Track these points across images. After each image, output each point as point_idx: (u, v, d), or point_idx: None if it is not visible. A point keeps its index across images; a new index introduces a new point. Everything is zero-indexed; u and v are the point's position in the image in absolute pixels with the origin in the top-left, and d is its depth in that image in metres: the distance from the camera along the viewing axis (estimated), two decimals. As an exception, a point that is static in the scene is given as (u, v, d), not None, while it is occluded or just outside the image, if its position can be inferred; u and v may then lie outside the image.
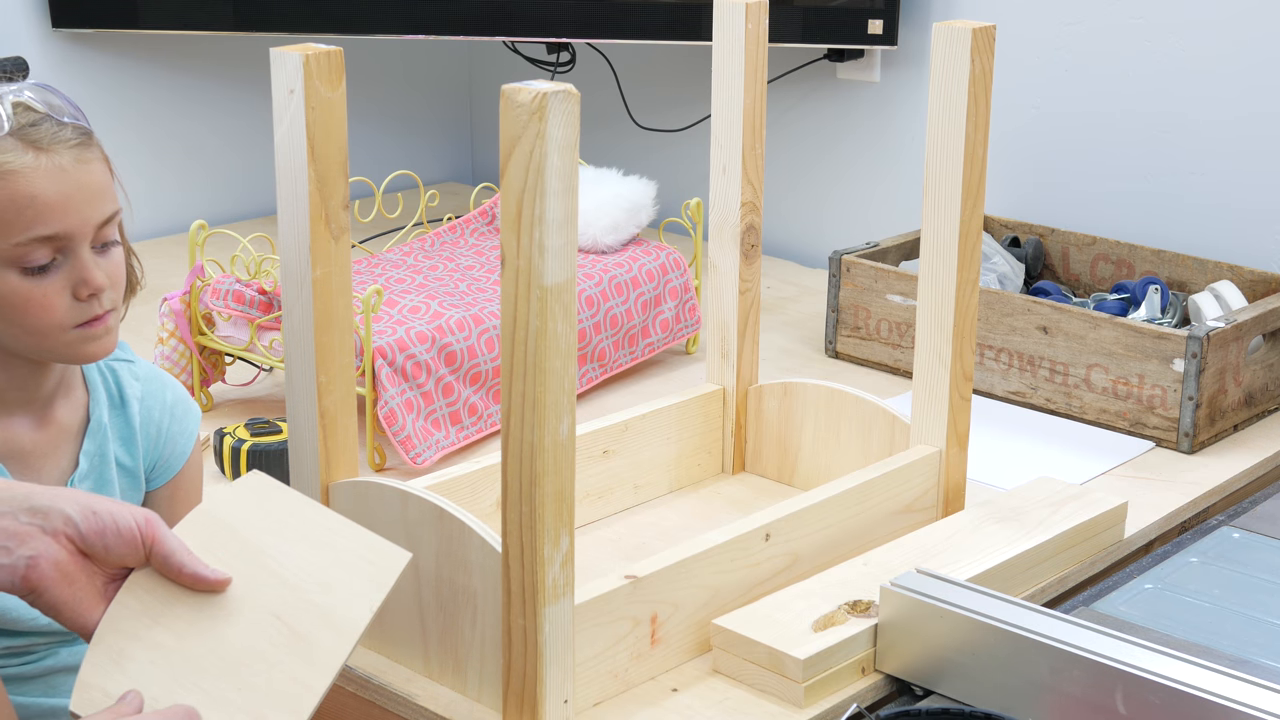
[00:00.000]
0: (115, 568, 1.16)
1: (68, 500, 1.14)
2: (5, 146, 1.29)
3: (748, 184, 1.78)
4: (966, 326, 1.68)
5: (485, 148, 3.33)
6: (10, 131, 1.30)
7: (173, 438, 1.49)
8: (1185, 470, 1.93)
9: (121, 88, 2.76)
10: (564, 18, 2.69)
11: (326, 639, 1.16)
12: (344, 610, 1.18)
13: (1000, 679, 1.37)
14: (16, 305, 1.31)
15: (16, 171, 1.29)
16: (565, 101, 1.21)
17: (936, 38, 1.59)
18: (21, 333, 1.33)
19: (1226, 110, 2.35)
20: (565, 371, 1.26)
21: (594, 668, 1.39)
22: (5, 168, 1.29)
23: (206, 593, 1.17)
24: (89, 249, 1.33)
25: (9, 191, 1.29)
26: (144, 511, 1.16)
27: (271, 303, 1.95)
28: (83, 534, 1.13)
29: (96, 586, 1.15)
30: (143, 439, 1.46)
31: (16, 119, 1.30)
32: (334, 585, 1.20)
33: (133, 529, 1.14)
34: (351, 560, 1.22)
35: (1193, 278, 2.25)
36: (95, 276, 1.33)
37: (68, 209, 1.31)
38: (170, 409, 1.49)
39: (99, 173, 1.34)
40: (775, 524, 1.55)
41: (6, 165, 1.29)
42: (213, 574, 1.17)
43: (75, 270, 1.33)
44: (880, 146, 2.74)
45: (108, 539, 1.14)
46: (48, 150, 1.31)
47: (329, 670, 1.15)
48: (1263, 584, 1.61)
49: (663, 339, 2.21)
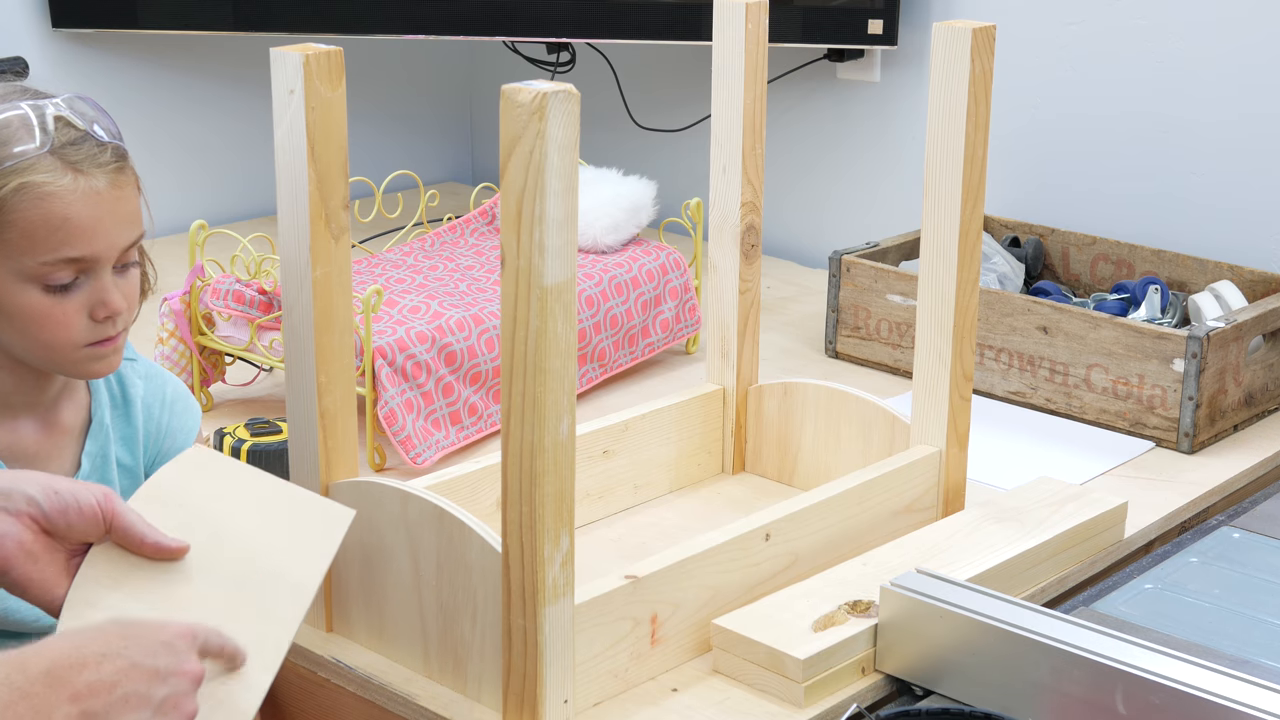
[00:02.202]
0: (77, 544, 1.19)
1: (29, 481, 1.17)
2: (44, 165, 1.29)
3: (748, 184, 1.78)
4: (966, 326, 1.68)
5: (485, 148, 3.33)
6: (51, 149, 1.30)
7: (173, 433, 1.49)
8: (1185, 470, 1.93)
9: (121, 88, 2.76)
10: (564, 18, 2.69)
11: (282, 598, 1.21)
12: (297, 569, 1.23)
13: (1000, 679, 1.37)
14: (35, 320, 1.32)
15: (54, 194, 1.29)
16: (565, 101, 1.21)
17: (936, 38, 1.59)
18: (34, 346, 1.34)
19: (1226, 110, 2.35)
20: (565, 371, 1.26)
21: (594, 668, 1.39)
22: (43, 189, 1.29)
23: (166, 561, 1.21)
24: (110, 271, 1.34)
25: (43, 212, 1.29)
26: (101, 488, 1.19)
27: (271, 303, 1.95)
28: (46, 513, 1.16)
29: (60, 563, 1.18)
30: (144, 437, 1.47)
31: (57, 136, 1.30)
32: (285, 547, 1.25)
33: (93, 505, 1.18)
34: (299, 522, 1.27)
35: (1193, 278, 2.25)
36: (115, 300, 1.34)
37: (97, 233, 1.31)
38: (170, 405, 1.49)
39: (131, 198, 1.35)
40: (775, 524, 1.55)
41: (44, 186, 1.29)
42: (172, 542, 1.21)
43: (96, 292, 1.33)
44: (880, 146, 2.74)
45: (70, 516, 1.17)
46: (86, 173, 1.31)
47: (289, 627, 1.19)
48: (1263, 584, 1.61)
49: (663, 339, 2.21)
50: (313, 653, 1.49)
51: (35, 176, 1.29)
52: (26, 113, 1.30)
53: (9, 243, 1.29)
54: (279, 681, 1.54)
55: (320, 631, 1.52)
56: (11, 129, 1.29)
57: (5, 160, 1.28)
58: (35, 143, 1.29)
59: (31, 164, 1.29)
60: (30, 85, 1.37)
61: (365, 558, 1.46)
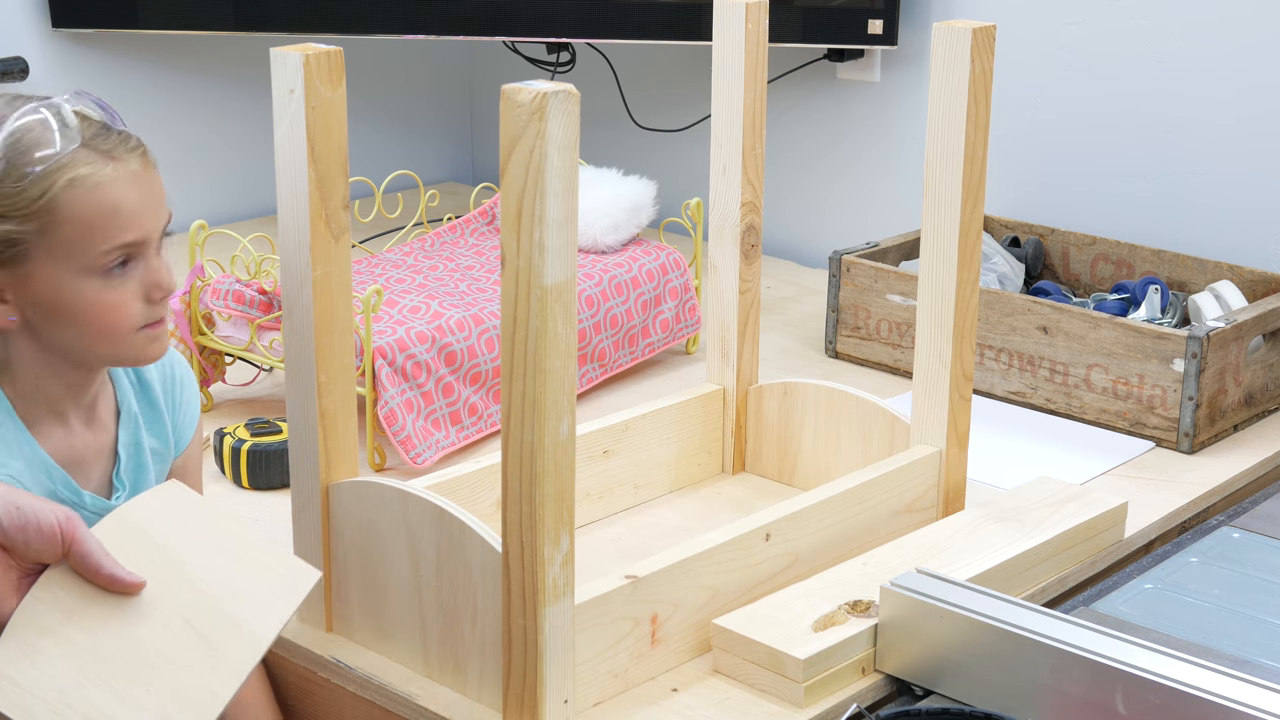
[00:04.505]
0: (32, 563, 1.18)
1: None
2: (83, 158, 1.31)
3: (748, 184, 1.78)
4: (966, 326, 1.68)
5: (485, 148, 3.33)
6: (82, 143, 1.31)
7: (184, 406, 1.51)
8: (1185, 470, 1.93)
9: (121, 88, 2.75)
10: (564, 18, 2.69)
11: (235, 647, 1.18)
12: (254, 621, 1.21)
13: (1000, 679, 1.37)
14: (98, 312, 1.33)
15: (101, 184, 1.31)
16: (565, 101, 1.21)
17: (936, 38, 1.59)
18: (95, 339, 1.35)
19: (1226, 110, 2.35)
20: (565, 371, 1.26)
21: (594, 668, 1.39)
22: (91, 180, 1.31)
23: (120, 594, 1.19)
24: (154, 251, 1.36)
25: (96, 202, 1.31)
26: (65, 510, 1.18)
27: (271, 303, 1.95)
28: (4, 528, 1.15)
29: (11, 580, 1.17)
30: (168, 415, 1.48)
31: (82, 130, 1.32)
32: (245, 596, 1.22)
33: (53, 526, 1.16)
34: (263, 573, 1.24)
35: (1193, 278, 2.25)
36: (167, 279, 1.37)
37: (143, 215, 1.34)
38: (180, 381, 1.51)
39: (159, 178, 1.37)
40: (775, 524, 1.55)
41: (92, 178, 1.31)
42: (128, 576, 1.19)
43: (148, 274, 1.35)
44: (880, 146, 2.74)
45: (29, 534, 1.16)
46: (121, 159, 1.33)
47: (235, 678, 1.17)
48: (1263, 584, 1.61)
49: (663, 339, 2.21)
50: (313, 653, 1.49)
51: (80, 170, 1.30)
52: (45, 115, 1.31)
53: (66, 240, 1.31)
54: (279, 681, 1.54)
55: (320, 631, 1.52)
56: (36, 132, 1.30)
57: (44, 162, 1.29)
58: (67, 140, 1.31)
59: (70, 160, 1.30)
60: (23, 92, 1.38)
61: (365, 558, 1.46)
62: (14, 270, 1.31)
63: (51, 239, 1.30)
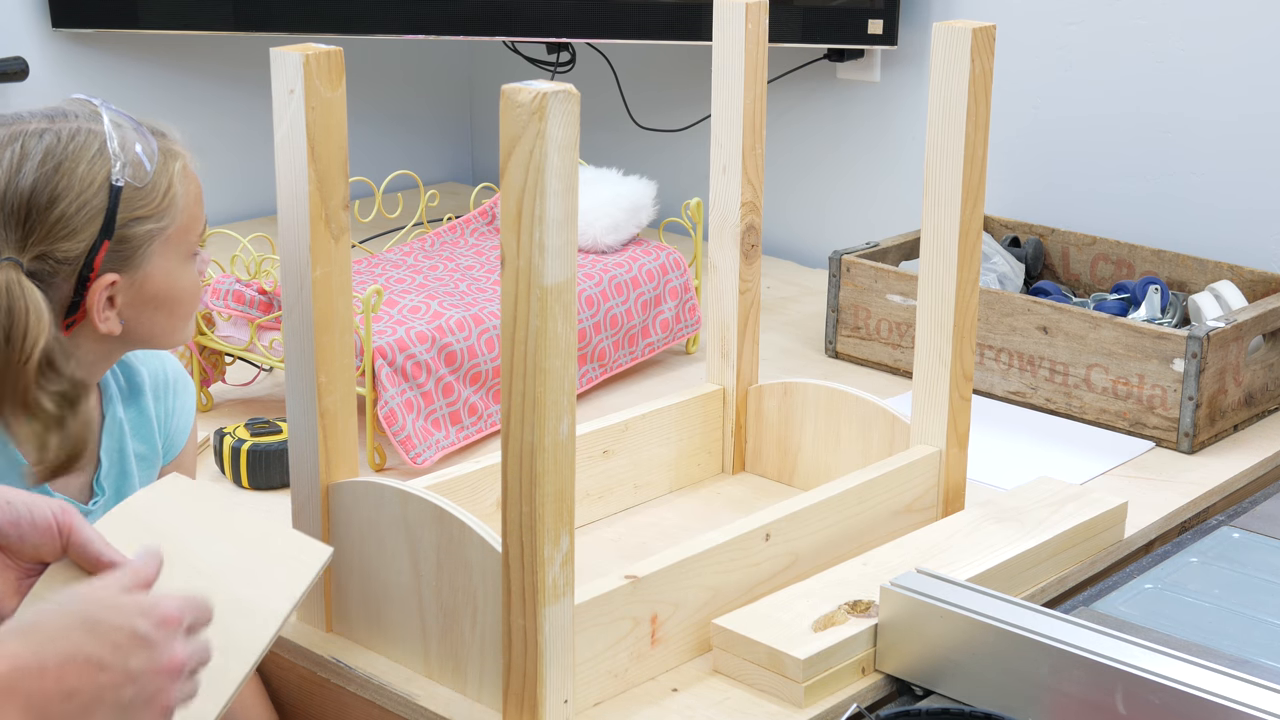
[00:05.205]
0: (31, 560, 1.12)
1: None
2: (168, 148, 1.34)
3: (748, 184, 1.78)
4: (966, 326, 1.68)
5: (485, 148, 3.33)
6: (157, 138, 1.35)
7: (177, 412, 1.51)
8: (1185, 470, 1.93)
9: (121, 88, 2.75)
10: (564, 18, 2.69)
11: (245, 628, 1.17)
12: (264, 601, 1.19)
13: (1000, 679, 1.37)
14: (193, 295, 1.38)
15: (192, 171, 1.36)
16: (565, 101, 1.21)
17: (936, 38, 1.59)
18: (183, 321, 1.39)
19: (1226, 110, 2.35)
20: (565, 371, 1.26)
21: (594, 668, 1.39)
22: (188, 167, 1.36)
23: None
24: None
25: (196, 187, 1.36)
26: (59, 502, 1.14)
27: (271, 303, 1.95)
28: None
29: (10, 581, 1.12)
30: (156, 422, 1.48)
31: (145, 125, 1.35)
32: (254, 578, 1.21)
33: (48, 518, 1.11)
34: (272, 555, 1.23)
35: (1193, 278, 2.25)
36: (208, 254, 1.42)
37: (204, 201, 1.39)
38: (173, 384, 1.51)
39: None
40: (775, 524, 1.55)
41: (187, 165, 1.36)
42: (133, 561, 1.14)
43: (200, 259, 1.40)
44: (880, 146, 2.74)
45: (23, 528, 1.10)
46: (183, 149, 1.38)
47: (247, 659, 1.15)
48: (1263, 584, 1.61)
49: (663, 339, 2.21)
50: (313, 653, 1.49)
51: (178, 159, 1.35)
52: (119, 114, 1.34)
53: (181, 228, 1.35)
54: (279, 682, 1.54)
55: (320, 631, 1.52)
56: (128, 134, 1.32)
57: (152, 158, 1.31)
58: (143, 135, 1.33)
59: (164, 149, 1.34)
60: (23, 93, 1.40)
61: (365, 558, 1.46)
62: (137, 273, 1.32)
63: (172, 228, 1.33)
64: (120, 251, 1.30)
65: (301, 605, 1.35)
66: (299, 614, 1.52)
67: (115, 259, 1.30)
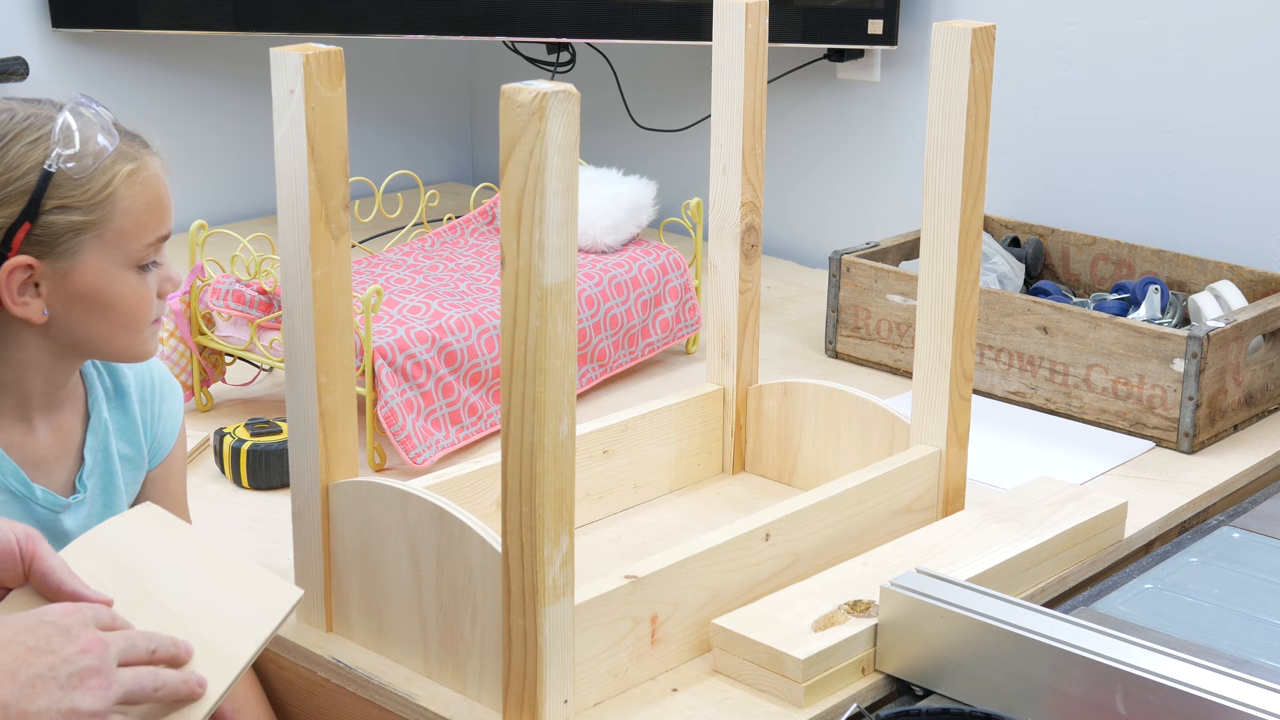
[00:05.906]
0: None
1: None
2: (130, 151, 1.34)
3: (748, 184, 1.78)
4: (966, 326, 1.68)
5: (485, 148, 3.33)
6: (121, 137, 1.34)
7: (164, 416, 1.51)
8: (1185, 470, 1.93)
9: (121, 88, 2.76)
10: (564, 18, 2.69)
11: (208, 668, 1.15)
12: (227, 642, 1.17)
13: (1000, 679, 1.37)
14: (131, 305, 1.35)
15: (150, 176, 1.35)
16: (565, 101, 1.21)
17: (936, 38, 1.59)
18: (118, 331, 1.36)
19: (1226, 110, 2.35)
20: (565, 371, 1.26)
21: (594, 668, 1.39)
22: (144, 172, 1.34)
23: None
24: None
25: (148, 194, 1.34)
26: (24, 527, 1.14)
27: (271, 303, 1.95)
28: None
29: None
30: (142, 425, 1.48)
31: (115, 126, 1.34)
32: (219, 617, 1.19)
33: (11, 544, 1.11)
34: (240, 594, 1.21)
35: (1193, 278, 2.25)
36: (176, 275, 1.40)
37: (171, 210, 1.38)
38: (159, 389, 1.51)
39: None
40: (775, 524, 1.55)
41: (144, 170, 1.34)
42: (92, 594, 1.14)
43: (163, 270, 1.38)
44: (880, 146, 2.74)
45: None
46: (152, 154, 1.37)
47: (208, 699, 1.14)
48: (1263, 584, 1.61)
49: (663, 339, 2.21)
50: (313, 653, 1.49)
51: (135, 163, 1.33)
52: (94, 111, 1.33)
53: (120, 231, 1.33)
54: (278, 681, 1.54)
55: (320, 631, 1.52)
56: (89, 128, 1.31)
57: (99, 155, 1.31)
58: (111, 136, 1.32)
59: (121, 152, 1.33)
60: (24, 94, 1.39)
61: (365, 558, 1.46)
62: (60, 263, 1.32)
63: (107, 230, 1.32)
64: (40, 237, 1.30)
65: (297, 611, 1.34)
66: (298, 614, 1.52)
67: (36, 244, 1.30)
